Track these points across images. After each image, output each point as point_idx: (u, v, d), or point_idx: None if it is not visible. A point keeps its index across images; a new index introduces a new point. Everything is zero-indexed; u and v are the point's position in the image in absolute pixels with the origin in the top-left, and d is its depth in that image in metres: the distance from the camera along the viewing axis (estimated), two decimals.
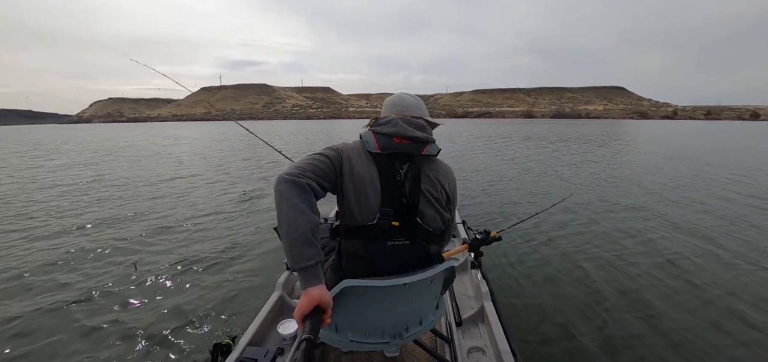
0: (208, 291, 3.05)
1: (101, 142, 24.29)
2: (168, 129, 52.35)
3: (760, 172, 9.13)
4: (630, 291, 2.99)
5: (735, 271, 3.34)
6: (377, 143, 1.20)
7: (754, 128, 47.54)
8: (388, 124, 1.23)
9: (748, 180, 7.97)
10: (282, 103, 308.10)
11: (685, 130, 37.80)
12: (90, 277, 3.37)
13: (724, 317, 2.62)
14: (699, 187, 7.26)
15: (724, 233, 4.37)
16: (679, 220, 4.93)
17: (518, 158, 12.17)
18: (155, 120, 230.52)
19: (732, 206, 5.65)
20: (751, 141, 20.98)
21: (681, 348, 2.29)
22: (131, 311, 2.79)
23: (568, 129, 35.79)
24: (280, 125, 57.84)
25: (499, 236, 1.96)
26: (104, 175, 9.51)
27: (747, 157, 12.44)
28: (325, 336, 1.21)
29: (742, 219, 4.94)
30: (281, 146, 16.25)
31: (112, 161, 12.89)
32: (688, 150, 14.86)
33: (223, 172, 9.84)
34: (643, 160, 11.65)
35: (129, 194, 7.14)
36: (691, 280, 3.18)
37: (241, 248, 4.04)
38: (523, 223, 3.16)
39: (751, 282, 3.13)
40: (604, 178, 8.26)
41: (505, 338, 1.59)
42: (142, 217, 5.36)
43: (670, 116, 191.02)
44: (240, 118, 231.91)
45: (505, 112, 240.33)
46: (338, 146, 1.21)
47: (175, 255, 3.84)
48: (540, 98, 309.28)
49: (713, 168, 9.73)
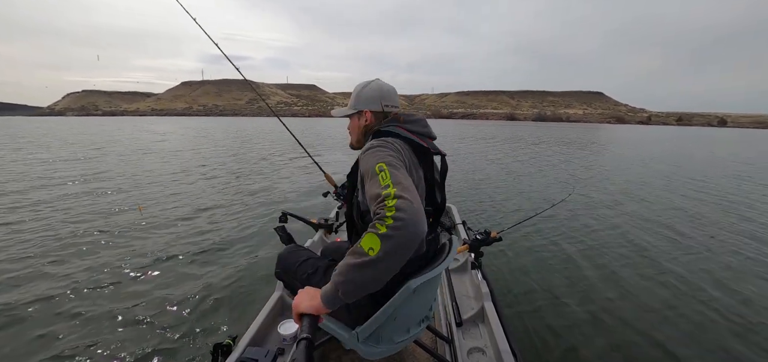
0: (208, 291, 3.04)
1: (87, 135, 23.25)
2: (150, 124, 50.59)
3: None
4: (630, 291, 3.01)
5: (738, 274, 3.37)
6: (423, 143, 1.18)
7: (725, 135, 49.53)
8: (418, 123, 1.22)
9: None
10: (266, 99, 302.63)
11: (660, 135, 39.23)
12: (85, 273, 3.35)
13: (730, 323, 2.61)
14: (695, 191, 7.31)
15: (728, 236, 4.42)
16: (678, 220, 5.00)
17: (516, 159, 12.32)
18: (133, 114, 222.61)
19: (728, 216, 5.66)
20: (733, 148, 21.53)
21: (680, 349, 2.30)
22: (131, 311, 2.76)
23: (555, 132, 36.64)
24: (265, 123, 56.75)
25: (499, 237, 1.98)
26: (91, 171, 9.16)
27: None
28: (366, 351, 1.18)
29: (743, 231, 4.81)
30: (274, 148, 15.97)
31: (102, 156, 12.42)
32: (670, 156, 15.39)
33: (219, 169, 9.71)
34: (636, 165, 11.71)
35: (122, 189, 6.97)
36: (690, 281, 3.19)
37: (242, 249, 4.01)
38: (524, 223, 3.18)
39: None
40: (603, 179, 8.39)
41: (506, 338, 1.59)
42: (142, 217, 5.29)
43: (644, 121, 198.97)
44: (222, 113, 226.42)
45: (489, 114, 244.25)
46: (394, 152, 1.05)
47: (175, 255, 3.81)
48: (523, 101, 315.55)
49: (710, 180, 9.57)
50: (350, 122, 1.33)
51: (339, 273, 0.89)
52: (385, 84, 1.28)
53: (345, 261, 0.89)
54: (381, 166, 0.96)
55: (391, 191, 0.88)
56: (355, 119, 1.30)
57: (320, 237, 2.53)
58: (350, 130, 1.34)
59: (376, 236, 0.84)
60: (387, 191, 0.89)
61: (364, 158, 1.04)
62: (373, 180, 0.95)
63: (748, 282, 3.26)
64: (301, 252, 1.45)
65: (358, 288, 0.87)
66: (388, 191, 0.89)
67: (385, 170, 0.94)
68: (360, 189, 1.12)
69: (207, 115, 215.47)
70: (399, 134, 1.16)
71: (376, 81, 1.29)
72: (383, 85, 1.28)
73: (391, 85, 1.29)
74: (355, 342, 1.14)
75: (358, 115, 1.29)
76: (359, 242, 0.87)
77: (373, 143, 1.08)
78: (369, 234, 0.86)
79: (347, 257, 0.89)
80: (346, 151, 14.16)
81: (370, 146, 1.07)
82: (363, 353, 1.17)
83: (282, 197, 6.63)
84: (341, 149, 15.51)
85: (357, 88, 1.29)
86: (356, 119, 1.30)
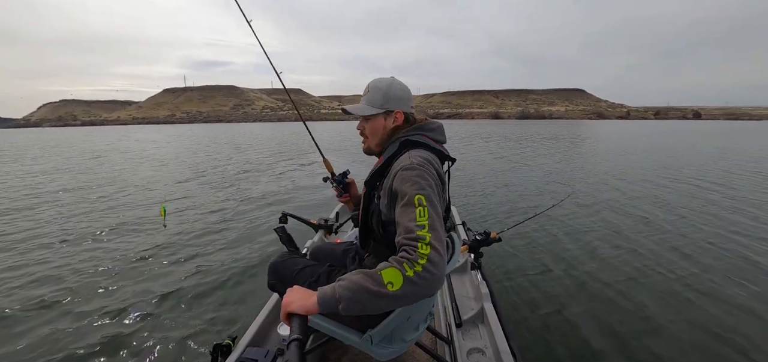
0: (208, 292, 3.07)
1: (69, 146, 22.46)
2: (136, 132, 49.37)
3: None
4: (630, 292, 3.01)
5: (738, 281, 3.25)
6: (446, 152, 1.15)
7: (700, 126, 50.96)
8: (438, 131, 1.18)
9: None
10: (251, 105, 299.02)
11: (640, 130, 39.96)
12: (86, 274, 3.39)
13: (731, 326, 2.56)
14: (693, 193, 7.05)
15: (727, 239, 4.26)
16: (679, 220, 4.97)
17: (513, 159, 12.35)
18: (114, 123, 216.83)
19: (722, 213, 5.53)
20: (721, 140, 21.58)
21: (681, 350, 2.30)
22: (131, 311, 2.78)
23: (540, 129, 37.14)
24: (250, 129, 55.94)
25: (499, 237, 1.99)
26: (82, 182, 8.97)
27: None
28: (379, 353, 1.17)
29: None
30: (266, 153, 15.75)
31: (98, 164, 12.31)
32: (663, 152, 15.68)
33: (216, 172, 9.80)
34: (634, 161, 11.74)
35: (121, 194, 7.04)
36: (690, 282, 3.16)
37: (242, 249, 4.03)
38: (523, 224, 3.18)
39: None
40: (602, 179, 8.34)
41: (505, 339, 1.60)
42: (141, 217, 5.36)
43: (624, 116, 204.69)
44: (207, 120, 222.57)
45: (474, 113, 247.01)
46: (433, 184, 0.99)
47: (175, 255, 3.84)
48: (507, 100, 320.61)
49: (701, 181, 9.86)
50: (370, 123, 1.19)
51: (346, 288, 0.87)
52: (404, 86, 1.20)
53: (357, 281, 0.87)
54: (420, 198, 0.93)
55: (426, 236, 0.87)
56: (381, 119, 1.17)
57: (320, 238, 2.52)
58: (370, 131, 1.20)
59: (400, 274, 0.84)
60: (421, 233, 0.88)
61: (401, 177, 0.99)
62: (407, 209, 0.93)
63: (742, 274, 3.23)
64: (296, 260, 1.40)
65: (361, 309, 0.87)
66: (422, 234, 0.88)
67: (424, 205, 0.92)
68: (386, 200, 1.07)
69: (191, 122, 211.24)
70: (427, 145, 1.11)
71: (396, 79, 1.20)
72: (401, 86, 1.19)
73: (408, 88, 1.22)
74: (369, 345, 1.14)
75: (384, 115, 1.17)
76: (380, 270, 0.86)
77: (414, 164, 1.00)
78: (393, 269, 0.85)
79: (361, 277, 0.87)
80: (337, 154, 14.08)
81: (411, 167, 0.99)
82: (376, 355, 1.17)
83: (282, 199, 6.69)
84: (334, 153, 15.37)
85: (381, 85, 1.17)
86: (383, 119, 1.17)
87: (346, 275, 0.92)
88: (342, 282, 0.89)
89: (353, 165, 2.77)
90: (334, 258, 1.48)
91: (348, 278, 0.90)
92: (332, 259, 1.48)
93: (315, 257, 1.55)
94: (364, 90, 1.21)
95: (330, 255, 1.52)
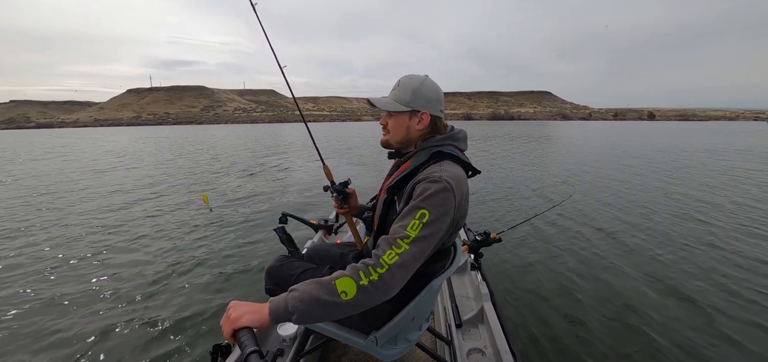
0: (208, 292, 3.06)
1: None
2: (105, 135, 46.17)
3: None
4: (629, 292, 2.99)
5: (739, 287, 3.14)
6: (470, 162, 1.12)
7: (656, 127, 52.66)
8: (463, 140, 1.15)
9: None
10: (223, 106, 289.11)
11: (597, 128, 41.06)
12: (85, 273, 3.42)
13: (731, 331, 2.49)
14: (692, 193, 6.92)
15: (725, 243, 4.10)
16: (679, 220, 4.96)
17: (512, 159, 12.27)
18: (73, 126, 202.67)
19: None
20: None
21: (681, 349, 2.28)
22: (131, 311, 2.78)
23: (510, 129, 37.99)
24: (222, 131, 53.95)
25: (499, 238, 1.99)
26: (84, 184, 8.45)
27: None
28: (385, 354, 1.17)
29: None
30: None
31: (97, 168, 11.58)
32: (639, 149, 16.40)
33: (214, 174, 9.75)
34: (632, 162, 11.44)
35: (121, 198, 6.88)
36: (690, 284, 3.12)
37: (242, 249, 4.01)
38: (523, 224, 3.11)
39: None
40: (601, 179, 8.26)
41: (505, 339, 1.58)
42: (140, 218, 5.34)
43: (586, 117, 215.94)
44: (176, 122, 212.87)
45: (448, 114, 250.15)
46: (449, 212, 0.95)
47: (175, 256, 3.82)
48: (479, 102, 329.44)
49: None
50: (394, 119, 1.13)
51: (300, 299, 0.84)
52: (437, 87, 1.13)
53: (310, 292, 0.85)
54: (423, 213, 0.90)
55: (401, 249, 0.87)
56: (406, 117, 1.11)
57: (320, 238, 2.48)
58: (392, 127, 1.14)
59: (354, 284, 0.84)
60: (401, 242, 0.88)
61: (424, 186, 0.96)
62: (408, 215, 0.92)
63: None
64: (294, 264, 1.36)
65: (314, 319, 0.85)
66: (401, 244, 0.88)
67: (423, 223, 0.90)
68: (404, 205, 1.03)
69: (158, 124, 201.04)
70: (458, 158, 1.08)
71: (429, 79, 1.12)
72: (435, 86, 1.12)
73: (440, 89, 1.15)
74: (374, 347, 1.13)
75: (410, 114, 1.11)
76: (334, 279, 0.85)
77: (442, 178, 0.95)
78: (348, 279, 0.85)
79: (315, 288, 0.85)
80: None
81: (438, 181, 0.95)
82: (383, 356, 1.17)
83: (281, 199, 6.64)
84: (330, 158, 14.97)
85: (412, 83, 1.10)
86: (407, 117, 1.11)
87: (299, 285, 0.87)
88: (294, 292, 0.86)
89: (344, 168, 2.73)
90: (333, 259, 1.45)
91: (300, 288, 0.86)
92: (332, 260, 1.45)
93: (314, 258, 1.50)
94: (395, 83, 1.15)
95: (329, 256, 1.49)
